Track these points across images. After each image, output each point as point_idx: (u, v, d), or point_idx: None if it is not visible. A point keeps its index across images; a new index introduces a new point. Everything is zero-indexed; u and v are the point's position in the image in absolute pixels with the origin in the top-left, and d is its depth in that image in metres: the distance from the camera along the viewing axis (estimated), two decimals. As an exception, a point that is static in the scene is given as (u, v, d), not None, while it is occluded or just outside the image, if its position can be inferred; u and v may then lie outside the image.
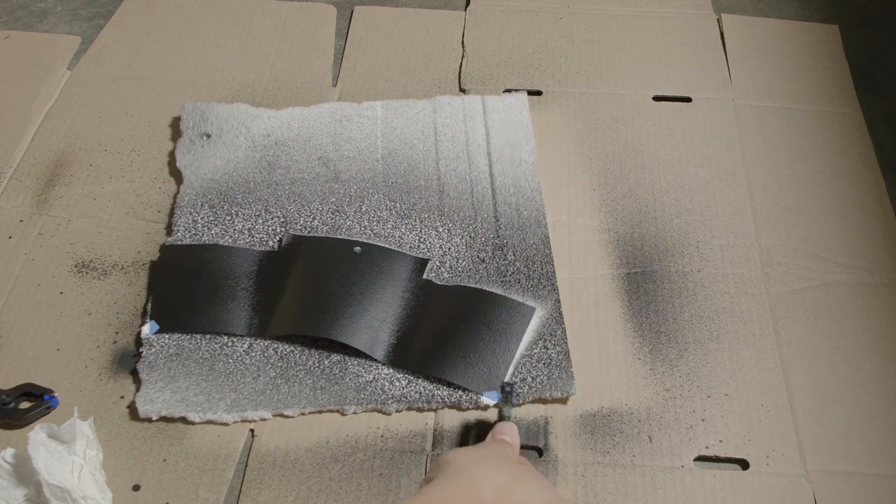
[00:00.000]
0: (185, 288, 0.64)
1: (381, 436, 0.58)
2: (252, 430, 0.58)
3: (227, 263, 0.65)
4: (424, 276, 0.65)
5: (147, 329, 0.62)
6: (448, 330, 0.61)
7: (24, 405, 0.59)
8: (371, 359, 0.60)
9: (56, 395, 0.59)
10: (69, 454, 0.52)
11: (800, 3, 0.92)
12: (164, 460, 0.57)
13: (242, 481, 0.56)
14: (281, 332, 0.61)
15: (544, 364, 0.60)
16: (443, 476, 0.44)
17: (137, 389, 0.59)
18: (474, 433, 0.58)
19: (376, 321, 0.61)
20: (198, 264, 0.65)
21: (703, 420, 0.59)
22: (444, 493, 0.43)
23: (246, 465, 0.57)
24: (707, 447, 0.58)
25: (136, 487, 0.55)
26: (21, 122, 0.77)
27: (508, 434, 0.53)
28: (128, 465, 0.56)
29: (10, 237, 0.69)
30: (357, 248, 0.63)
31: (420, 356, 0.60)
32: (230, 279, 0.64)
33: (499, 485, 0.43)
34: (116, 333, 0.63)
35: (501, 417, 0.57)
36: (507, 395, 0.58)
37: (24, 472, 0.52)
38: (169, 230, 0.69)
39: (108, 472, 0.55)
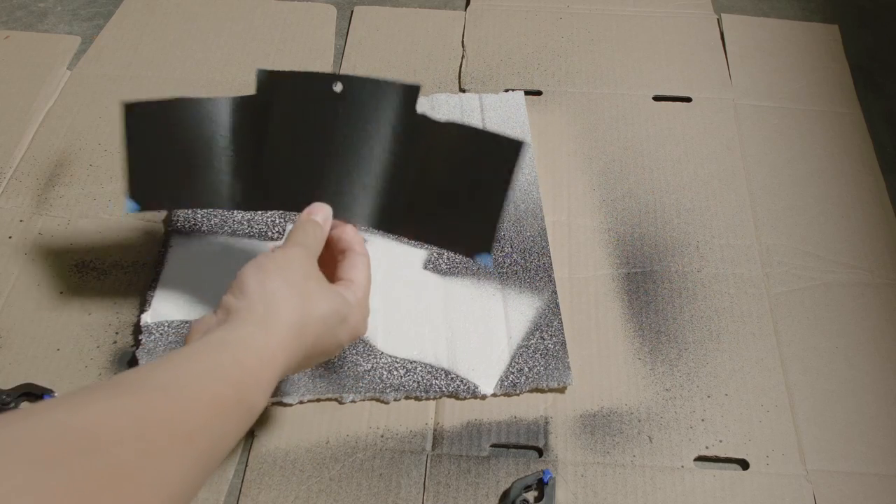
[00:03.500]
0: (158, 158, 0.57)
1: (381, 436, 0.58)
2: (252, 430, 0.58)
3: (200, 121, 0.57)
4: (423, 264, 0.65)
5: (147, 316, 0.62)
6: (436, 180, 0.55)
7: (24, 405, 0.59)
8: (368, 347, 0.60)
9: (56, 395, 0.59)
10: (69, 454, 0.52)
11: (800, 3, 0.92)
12: (164, 460, 0.57)
13: (242, 481, 0.56)
14: (263, 208, 0.58)
15: (541, 355, 0.61)
16: (235, 308, 0.43)
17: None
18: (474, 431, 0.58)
19: (359, 186, 0.55)
20: (168, 127, 0.57)
21: (703, 420, 0.59)
22: (236, 332, 0.42)
23: (246, 465, 0.57)
24: (707, 447, 0.58)
25: (136, 487, 0.55)
26: (21, 122, 0.77)
27: (321, 214, 0.52)
28: (128, 465, 0.56)
29: (10, 237, 0.69)
30: (337, 86, 0.55)
31: (407, 216, 0.55)
32: (204, 141, 0.57)
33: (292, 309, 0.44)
34: (116, 333, 0.63)
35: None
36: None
37: (24, 472, 0.52)
38: (168, 221, 0.69)
39: (108, 472, 0.55)
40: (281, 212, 0.69)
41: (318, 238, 0.50)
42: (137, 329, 0.63)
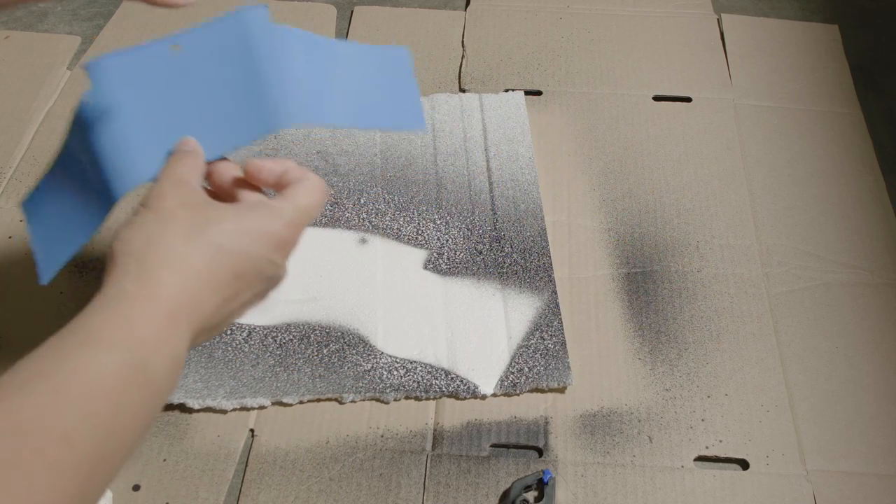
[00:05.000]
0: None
1: (381, 436, 0.58)
2: (252, 430, 0.58)
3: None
4: (426, 265, 0.65)
5: None
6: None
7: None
8: (368, 346, 0.60)
9: (56, 395, 0.59)
10: (69, 454, 0.52)
11: (800, 3, 0.92)
12: (164, 460, 0.57)
13: (242, 481, 0.56)
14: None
15: (541, 355, 0.61)
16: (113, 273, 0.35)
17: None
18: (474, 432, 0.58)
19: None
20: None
21: (703, 420, 0.59)
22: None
23: (246, 465, 0.57)
24: (707, 447, 0.58)
25: (136, 487, 0.55)
26: (21, 122, 0.77)
27: (188, 145, 0.41)
28: (128, 465, 0.56)
29: (9, 237, 0.69)
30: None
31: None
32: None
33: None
34: (116, 333, 0.63)
35: None
36: None
37: (24, 472, 0.52)
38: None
39: (108, 472, 0.55)
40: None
41: (189, 166, 0.40)
42: (137, 329, 0.63)
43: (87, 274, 0.66)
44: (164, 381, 0.33)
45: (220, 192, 0.42)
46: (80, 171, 0.49)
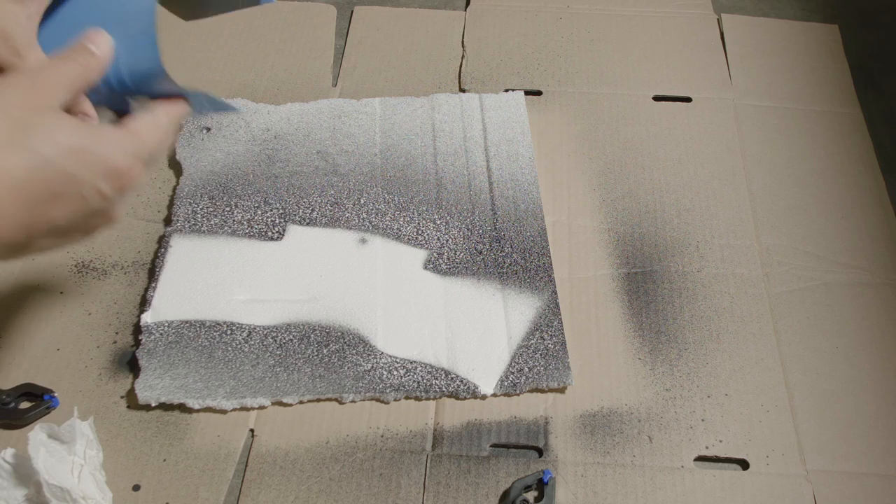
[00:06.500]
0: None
1: (381, 436, 0.58)
2: (252, 430, 0.58)
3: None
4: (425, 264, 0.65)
5: (147, 316, 0.62)
6: None
7: (24, 405, 0.59)
8: (369, 347, 0.60)
9: (56, 395, 0.59)
10: (69, 454, 0.52)
11: (800, 3, 0.92)
12: (164, 460, 0.57)
13: (242, 481, 0.56)
14: None
15: (541, 355, 0.61)
16: None
17: (136, 377, 0.59)
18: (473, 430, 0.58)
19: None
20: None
21: (703, 420, 0.59)
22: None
23: (246, 465, 0.57)
24: (707, 447, 0.58)
25: (136, 487, 0.55)
26: (21, 122, 0.77)
27: (97, 42, 0.37)
28: (128, 465, 0.56)
29: (10, 237, 0.69)
30: None
31: None
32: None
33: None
34: (116, 333, 0.63)
35: None
36: None
37: (24, 472, 0.52)
38: (168, 221, 0.69)
39: (108, 472, 0.55)
40: (281, 211, 0.69)
41: (81, 65, 0.36)
42: (137, 329, 0.63)
43: (87, 274, 0.66)
44: None
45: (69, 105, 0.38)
46: None
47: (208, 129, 0.74)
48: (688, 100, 0.80)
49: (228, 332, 0.62)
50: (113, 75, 0.40)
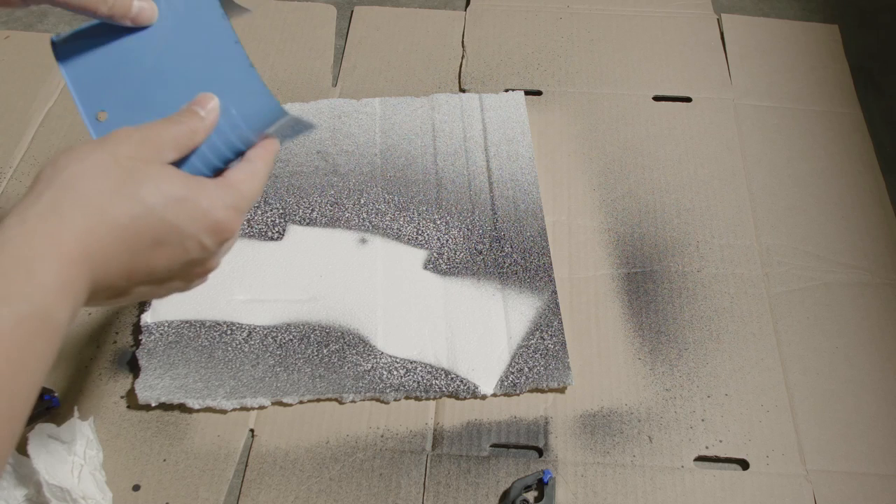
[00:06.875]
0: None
1: (381, 436, 0.58)
2: (252, 430, 0.58)
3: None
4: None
5: (147, 316, 0.62)
6: None
7: (24, 405, 0.59)
8: (369, 347, 0.60)
9: (56, 395, 0.59)
10: (69, 454, 0.52)
11: (800, 3, 0.92)
12: (164, 460, 0.57)
13: (242, 481, 0.56)
14: None
15: (541, 355, 0.61)
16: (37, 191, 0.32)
17: (136, 377, 0.59)
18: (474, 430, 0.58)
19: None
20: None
21: (703, 420, 0.59)
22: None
23: (246, 465, 0.57)
24: (707, 447, 0.58)
25: (136, 487, 0.55)
26: (21, 122, 0.77)
27: (205, 105, 0.39)
28: (128, 465, 0.56)
29: (10, 237, 0.69)
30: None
31: None
32: None
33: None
34: (116, 333, 0.63)
35: None
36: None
37: (24, 472, 0.52)
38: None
39: (108, 472, 0.55)
40: (281, 211, 0.69)
41: (188, 127, 0.38)
42: (137, 329, 0.63)
43: (87, 274, 0.66)
44: (65, 330, 0.30)
45: None
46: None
47: None
48: (688, 100, 0.80)
49: (228, 332, 0.62)
50: (232, 132, 0.40)
